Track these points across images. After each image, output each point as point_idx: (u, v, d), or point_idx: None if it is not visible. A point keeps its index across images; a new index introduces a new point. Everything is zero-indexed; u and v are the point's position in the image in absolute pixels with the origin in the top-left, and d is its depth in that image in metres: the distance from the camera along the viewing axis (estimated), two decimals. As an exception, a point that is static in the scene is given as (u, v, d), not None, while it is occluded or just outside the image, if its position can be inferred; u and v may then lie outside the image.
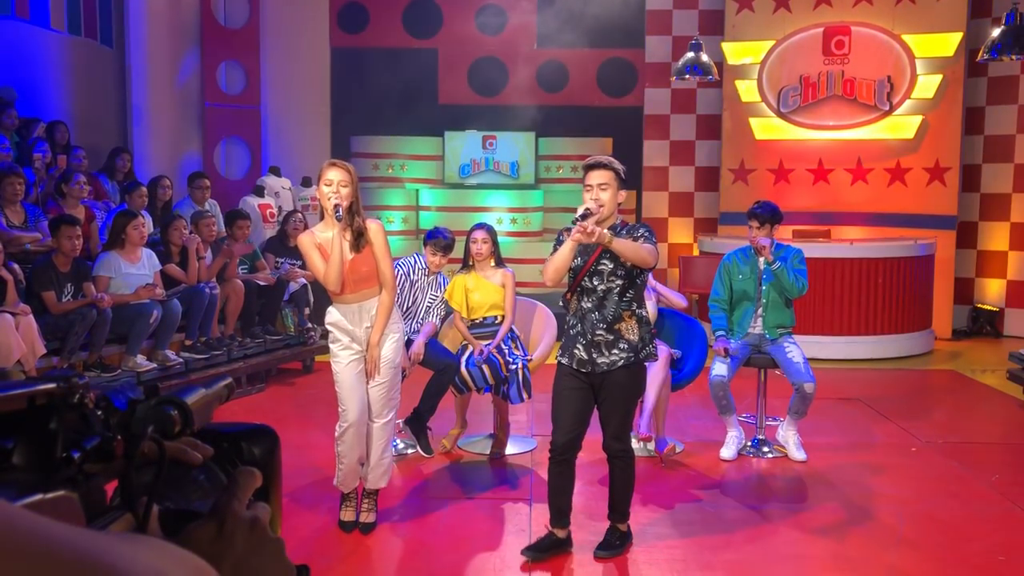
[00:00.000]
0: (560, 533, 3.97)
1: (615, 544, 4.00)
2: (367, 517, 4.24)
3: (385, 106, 10.93)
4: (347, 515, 4.28)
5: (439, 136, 11.07)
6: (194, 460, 0.69)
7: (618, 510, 4.01)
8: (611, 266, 3.76)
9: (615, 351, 3.78)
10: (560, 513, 3.95)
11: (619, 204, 3.83)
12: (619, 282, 3.77)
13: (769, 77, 9.88)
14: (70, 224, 5.97)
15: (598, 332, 3.78)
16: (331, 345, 4.18)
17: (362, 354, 4.13)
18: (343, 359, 4.11)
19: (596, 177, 3.78)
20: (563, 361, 3.92)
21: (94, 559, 0.47)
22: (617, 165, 3.81)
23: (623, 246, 3.64)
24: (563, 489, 3.93)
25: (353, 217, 4.02)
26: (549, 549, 3.93)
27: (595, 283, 3.79)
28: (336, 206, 3.92)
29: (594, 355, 3.79)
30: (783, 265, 5.26)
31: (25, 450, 0.63)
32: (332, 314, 4.15)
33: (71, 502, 0.61)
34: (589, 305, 3.81)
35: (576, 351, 3.84)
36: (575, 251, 3.75)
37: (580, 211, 3.65)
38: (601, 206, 3.71)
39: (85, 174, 7.69)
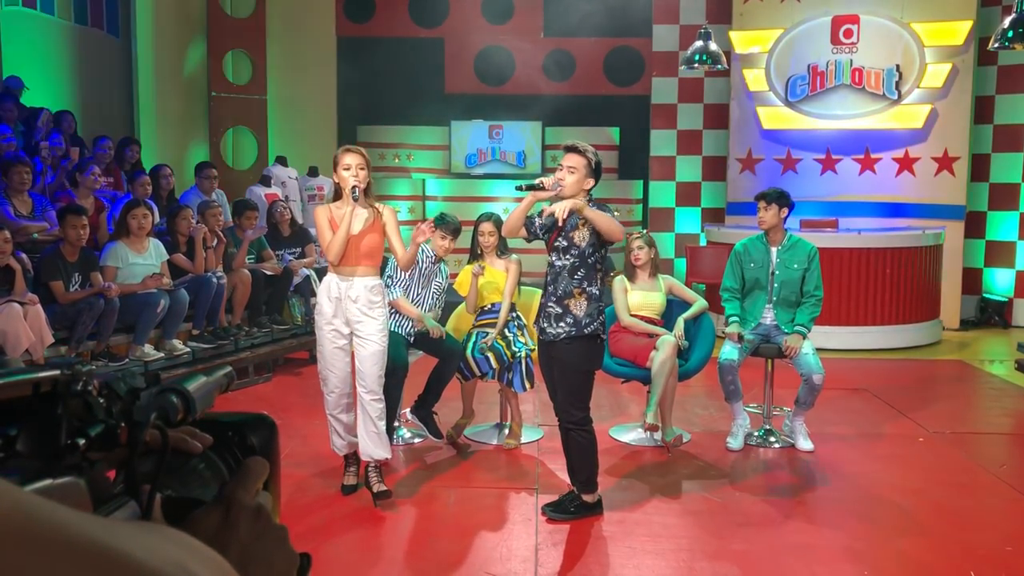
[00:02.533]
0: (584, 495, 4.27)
1: (568, 509, 4.21)
2: (378, 487, 4.36)
3: (391, 95, 10.93)
4: (349, 479, 4.53)
5: (445, 126, 11.06)
6: (194, 449, 0.69)
7: (577, 478, 4.22)
8: (565, 244, 4.08)
9: (561, 324, 4.09)
10: (571, 471, 4.28)
11: (585, 190, 4.07)
12: (571, 260, 4.08)
13: (777, 66, 9.84)
14: (76, 214, 5.98)
15: (550, 305, 4.13)
16: (316, 316, 4.44)
17: (345, 327, 4.34)
18: (325, 333, 4.36)
19: (568, 160, 4.08)
20: (536, 330, 4.31)
21: (112, 547, 0.47)
22: (591, 155, 4.07)
23: (595, 215, 3.95)
24: (566, 450, 4.25)
25: (367, 197, 4.32)
26: (560, 503, 4.27)
27: (553, 259, 4.14)
28: (354, 187, 4.21)
29: (545, 326, 4.15)
30: (808, 316, 5.27)
31: (29, 437, 0.63)
32: (324, 283, 4.41)
33: (79, 488, 0.61)
34: (548, 279, 4.18)
35: (540, 321, 4.21)
36: (526, 211, 4.10)
37: (536, 181, 4.05)
38: (560, 184, 4.02)
39: (108, 164, 7.72)
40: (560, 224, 4.00)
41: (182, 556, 0.51)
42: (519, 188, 4.11)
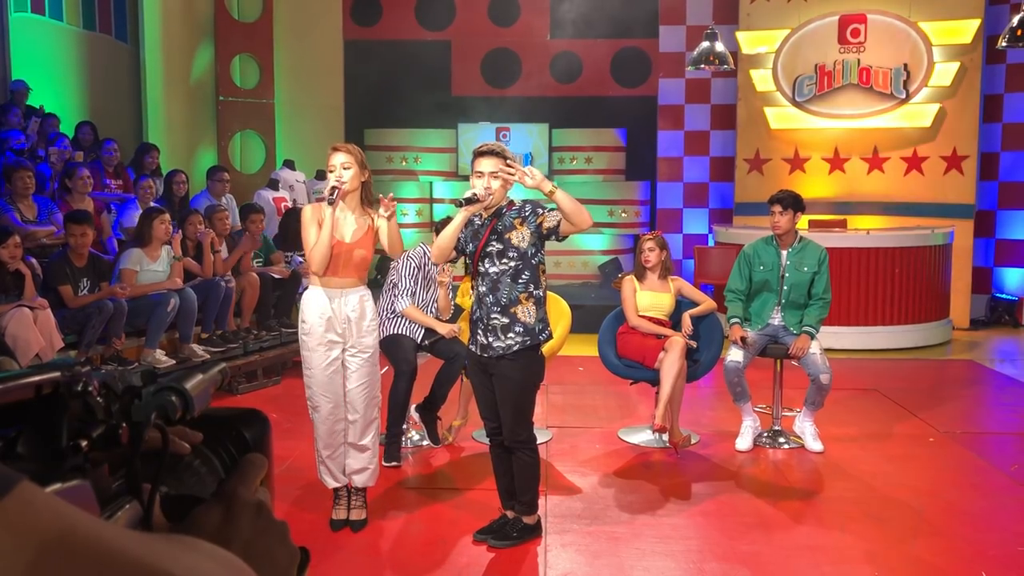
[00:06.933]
0: (509, 514, 4.00)
1: (511, 535, 3.94)
2: (358, 514, 4.11)
3: (398, 99, 10.93)
4: (338, 513, 4.12)
5: (452, 128, 11.06)
6: (182, 450, 0.69)
7: (521, 500, 3.95)
8: (500, 247, 3.73)
9: (510, 335, 3.74)
10: (506, 494, 4.00)
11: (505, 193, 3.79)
12: (512, 264, 3.73)
13: (784, 66, 9.82)
14: (76, 222, 5.98)
15: (493, 316, 3.75)
16: (303, 337, 3.94)
17: (340, 346, 3.95)
18: (318, 356, 3.91)
19: (487, 165, 3.73)
20: (470, 347, 3.92)
21: (155, 567, 0.48)
22: (509, 154, 3.79)
23: (565, 198, 3.58)
24: (502, 471, 3.98)
25: (364, 202, 3.95)
26: (500, 530, 3.97)
27: (487, 266, 3.77)
28: (333, 188, 3.81)
29: (490, 339, 3.77)
30: (815, 317, 5.24)
31: (30, 439, 0.63)
32: (309, 298, 3.96)
33: (86, 491, 0.61)
34: (484, 289, 3.79)
35: (477, 336, 3.82)
36: (460, 230, 3.76)
37: (467, 194, 3.67)
38: (491, 193, 3.70)
39: (117, 167, 7.74)
40: (529, 183, 3.60)
41: (219, 573, 0.52)
42: (459, 204, 3.69)
